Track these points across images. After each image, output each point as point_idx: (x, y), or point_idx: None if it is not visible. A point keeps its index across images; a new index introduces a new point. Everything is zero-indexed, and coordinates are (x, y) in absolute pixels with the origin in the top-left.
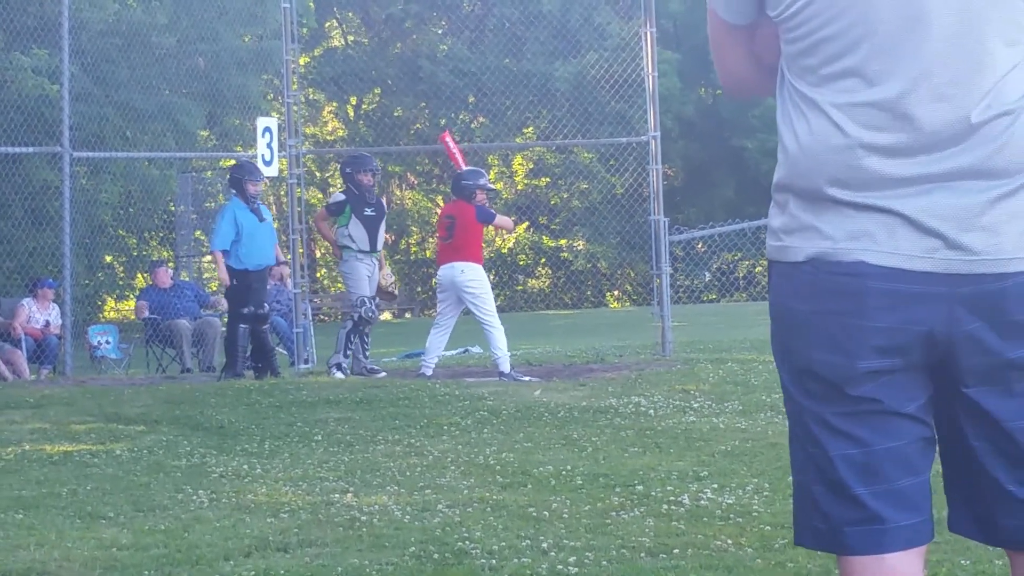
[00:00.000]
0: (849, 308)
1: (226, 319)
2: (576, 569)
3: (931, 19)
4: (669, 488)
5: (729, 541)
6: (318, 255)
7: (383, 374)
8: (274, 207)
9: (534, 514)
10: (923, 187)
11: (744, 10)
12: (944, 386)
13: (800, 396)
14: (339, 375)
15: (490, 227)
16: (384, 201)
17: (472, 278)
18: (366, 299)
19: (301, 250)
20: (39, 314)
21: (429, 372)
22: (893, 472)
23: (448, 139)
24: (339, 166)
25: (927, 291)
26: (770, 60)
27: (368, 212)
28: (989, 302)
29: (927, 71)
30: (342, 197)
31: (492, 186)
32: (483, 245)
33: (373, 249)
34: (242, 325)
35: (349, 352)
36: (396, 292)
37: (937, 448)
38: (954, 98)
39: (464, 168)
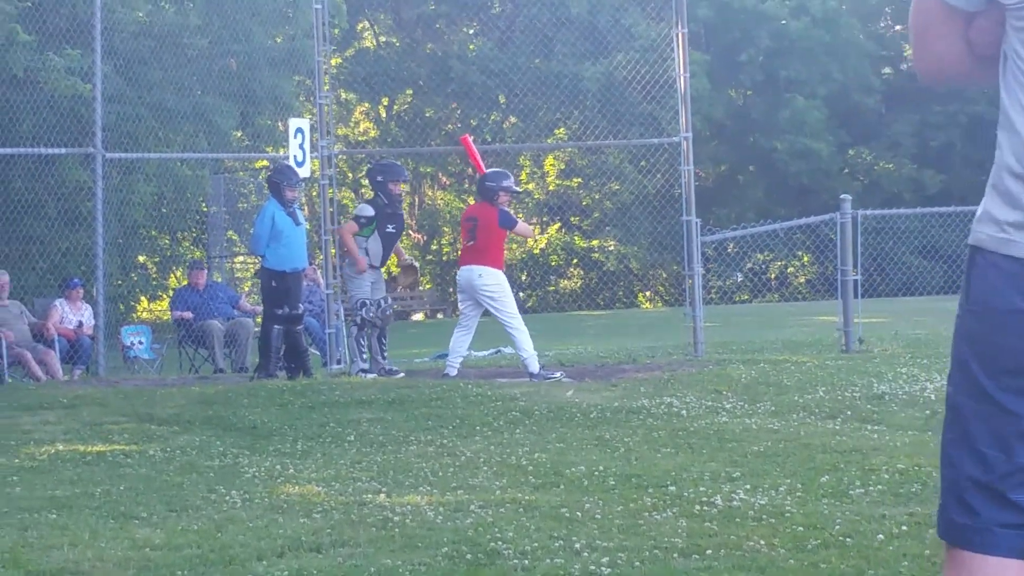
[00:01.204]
0: None
1: (259, 320)
2: (609, 570)
3: None
4: (702, 489)
5: (762, 542)
6: None
7: (401, 374)
8: (306, 208)
9: (567, 515)
10: None
11: None
12: None
13: (996, 393)
14: (370, 376)
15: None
16: (403, 215)
17: (489, 283)
18: (366, 301)
19: (333, 251)
20: (72, 315)
21: (453, 372)
22: None
23: (469, 141)
24: (368, 171)
25: None
26: (983, 51)
27: (389, 229)
28: None
29: None
30: (371, 211)
31: (517, 188)
32: (505, 249)
33: (383, 264)
34: (276, 326)
35: (366, 356)
36: (416, 263)
37: None
38: None
39: (487, 170)
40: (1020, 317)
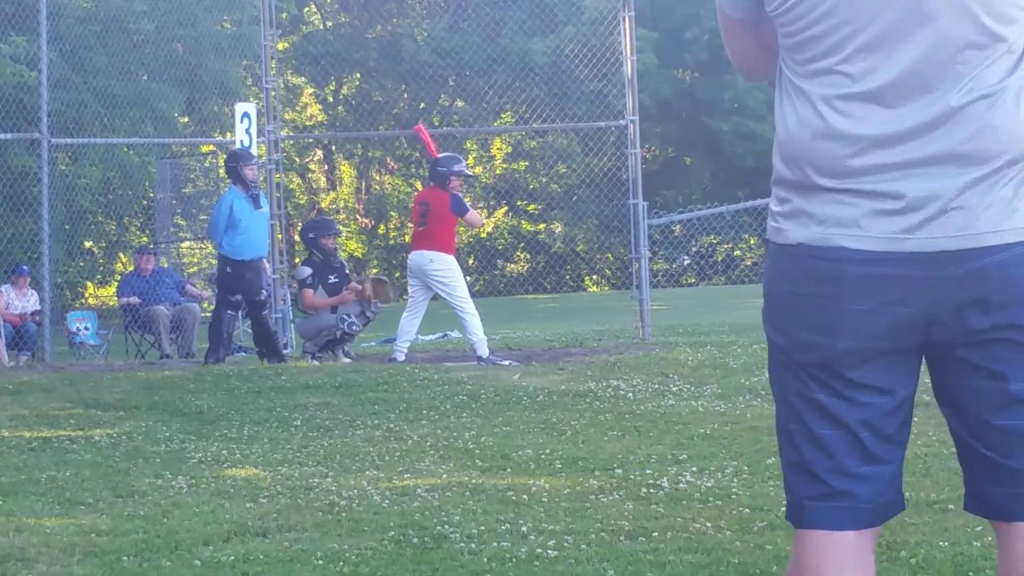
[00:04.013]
0: (829, 292)
1: (206, 305)
2: (555, 553)
3: (917, 16)
4: (648, 471)
5: (708, 524)
6: (296, 239)
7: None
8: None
9: (513, 498)
10: (904, 172)
11: (744, 5)
12: (936, 365)
13: (783, 372)
14: (315, 361)
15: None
16: (346, 263)
17: (440, 268)
18: (343, 316)
19: (280, 236)
20: (18, 301)
21: (401, 357)
22: (862, 452)
23: (423, 129)
24: (300, 231)
25: (909, 274)
26: (776, 49)
27: (332, 280)
28: (968, 280)
29: (914, 68)
30: (309, 270)
31: (469, 172)
32: (456, 233)
33: (333, 312)
34: (229, 312)
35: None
36: (384, 278)
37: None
38: (938, 88)
39: (439, 155)
40: (785, 298)
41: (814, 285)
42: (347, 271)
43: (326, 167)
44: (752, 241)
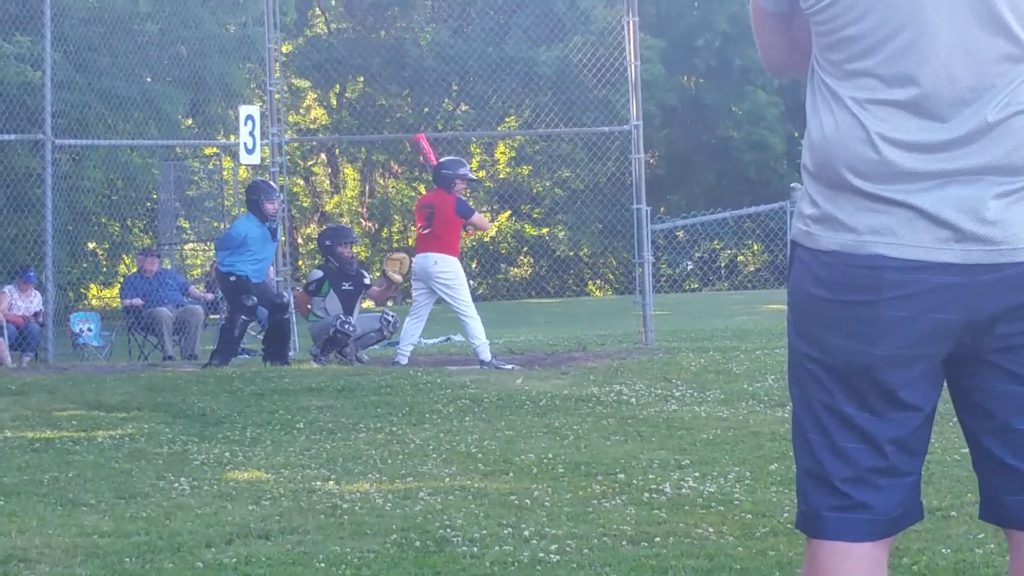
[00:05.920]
0: (867, 299)
1: (203, 310)
2: (557, 557)
3: (952, 24)
4: (651, 476)
5: (710, 529)
6: (300, 242)
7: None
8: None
9: (515, 502)
10: (939, 181)
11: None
12: (962, 371)
13: (808, 381)
14: (317, 363)
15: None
16: (364, 272)
17: (445, 270)
18: (340, 315)
19: (283, 238)
20: (21, 301)
21: (404, 360)
22: (884, 465)
23: (424, 138)
24: (317, 238)
25: (946, 281)
26: (806, 46)
27: (346, 287)
28: (1004, 288)
29: (949, 77)
30: (320, 274)
31: (473, 176)
32: (461, 236)
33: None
34: (243, 317)
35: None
36: (396, 277)
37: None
38: (974, 101)
39: (444, 159)
40: (819, 305)
41: (850, 292)
42: (365, 280)
43: (330, 170)
44: (756, 247)
